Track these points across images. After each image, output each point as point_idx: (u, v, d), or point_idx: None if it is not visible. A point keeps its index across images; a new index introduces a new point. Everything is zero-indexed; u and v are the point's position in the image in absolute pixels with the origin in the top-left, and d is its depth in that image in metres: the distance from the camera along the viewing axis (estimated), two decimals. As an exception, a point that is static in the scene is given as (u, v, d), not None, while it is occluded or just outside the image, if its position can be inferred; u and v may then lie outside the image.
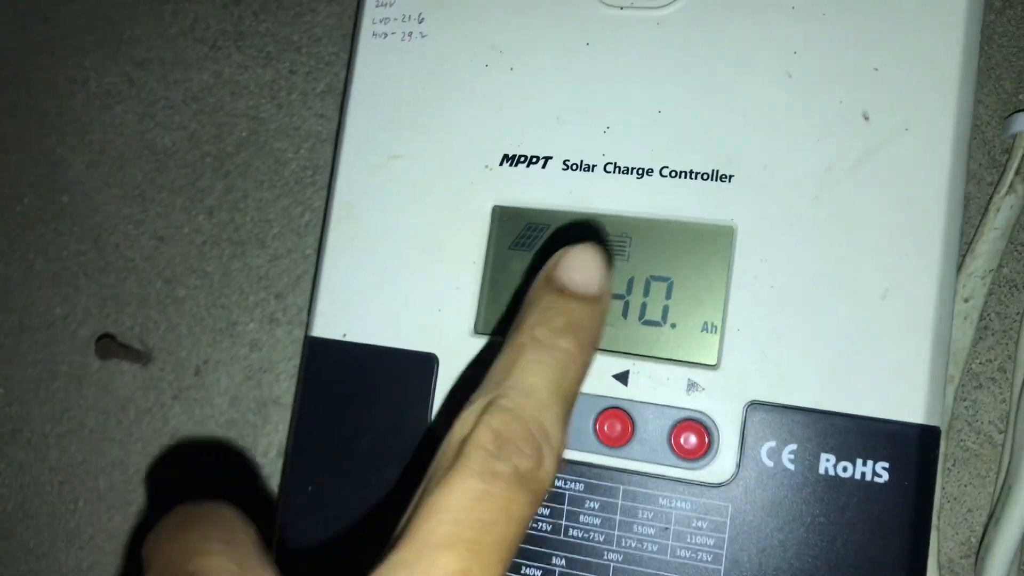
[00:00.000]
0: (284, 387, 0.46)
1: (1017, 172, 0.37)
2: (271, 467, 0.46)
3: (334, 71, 0.48)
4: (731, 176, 0.31)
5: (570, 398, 0.23)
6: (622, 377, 0.31)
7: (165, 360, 0.48)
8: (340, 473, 0.34)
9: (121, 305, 0.49)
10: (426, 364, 0.33)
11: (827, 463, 0.30)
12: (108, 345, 0.47)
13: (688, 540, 0.30)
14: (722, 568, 0.30)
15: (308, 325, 0.36)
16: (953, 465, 0.37)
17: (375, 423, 0.34)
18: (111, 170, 0.51)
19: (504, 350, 0.23)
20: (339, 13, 0.48)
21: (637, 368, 0.31)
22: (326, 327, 0.35)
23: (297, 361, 0.46)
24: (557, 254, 0.25)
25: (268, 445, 0.46)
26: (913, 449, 0.29)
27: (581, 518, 0.31)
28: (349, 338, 0.35)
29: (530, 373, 0.22)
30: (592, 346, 0.23)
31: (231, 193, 0.48)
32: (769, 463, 0.30)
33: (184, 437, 0.47)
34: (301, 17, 0.49)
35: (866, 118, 0.31)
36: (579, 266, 0.24)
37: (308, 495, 0.34)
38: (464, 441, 0.20)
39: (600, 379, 0.32)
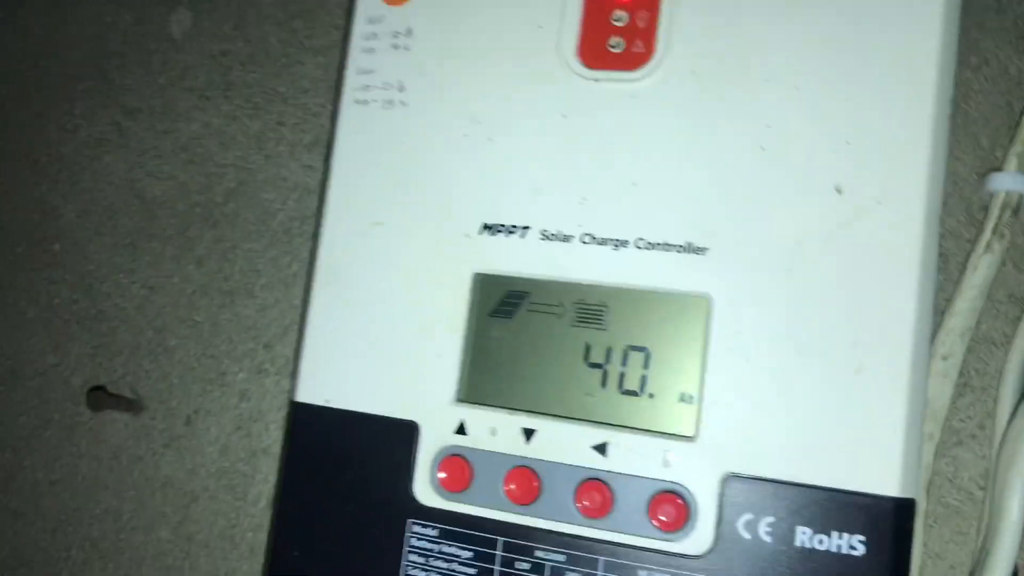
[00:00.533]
0: (273, 437, 0.46)
1: (994, 231, 0.37)
2: (262, 516, 0.46)
3: (320, 122, 0.48)
4: (705, 248, 0.32)
5: None
6: (601, 448, 0.32)
7: (156, 409, 0.49)
8: (325, 539, 0.34)
9: (113, 354, 0.50)
10: (408, 432, 0.34)
11: (803, 536, 0.30)
12: (100, 397, 0.47)
13: (666, 611, 0.31)
14: (700, 639, 0.30)
15: (292, 389, 0.36)
16: (935, 522, 0.38)
17: (358, 490, 0.34)
18: (102, 219, 0.51)
19: None
20: (325, 64, 0.48)
21: (616, 439, 0.32)
22: (310, 392, 0.35)
23: (285, 411, 0.46)
24: None
25: (259, 494, 0.46)
26: (889, 522, 0.29)
27: (560, 587, 0.31)
28: (332, 404, 0.35)
29: None
30: None
31: (220, 243, 0.49)
32: (747, 535, 0.30)
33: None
34: (288, 68, 0.49)
35: (839, 191, 0.31)
36: None
37: (294, 560, 0.35)
38: None
39: (579, 450, 0.32)
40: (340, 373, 0.35)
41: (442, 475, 0.33)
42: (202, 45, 0.51)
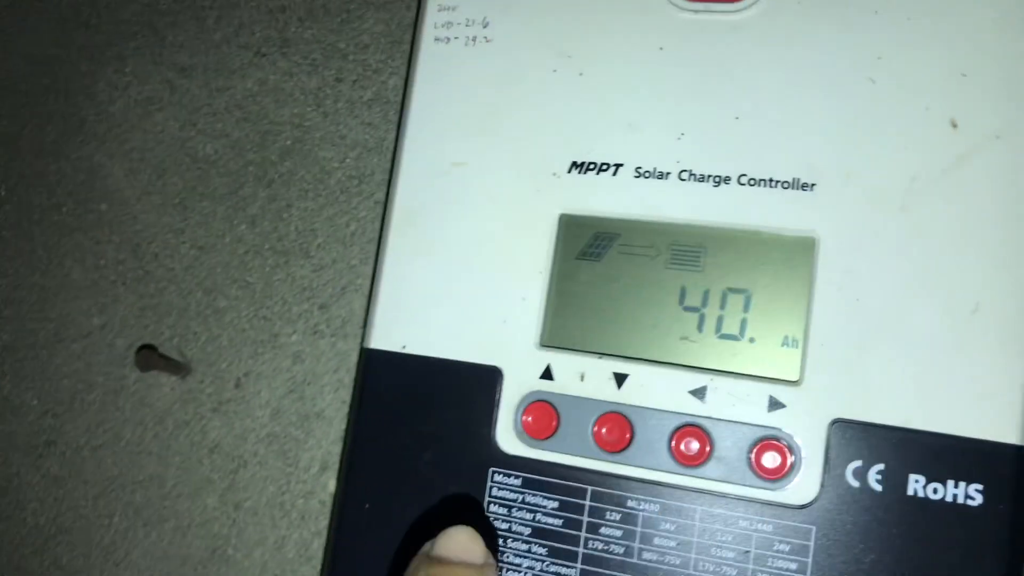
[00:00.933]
0: (327, 400, 0.45)
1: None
2: (313, 483, 0.44)
3: (381, 79, 0.47)
4: (813, 185, 0.30)
5: None
6: (699, 393, 0.30)
7: (205, 372, 0.47)
8: (399, 490, 0.33)
9: (160, 316, 0.48)
10: (490, 377, 0.32)
11: (916, 484, 0.28)
12: (148, 356, 0.45)
13: (769, 564, 0.29)
14: (805, 594, 0.28)
15: (364, 336, 0.34)
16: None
17: (437, 438, 0.32)
18: (151, 178, 0.50)
19: None
20: (387, 19, 0.47)
21: (715, 384, 0.30)
22: (384, 339, 0.34)
23: (341, 374, 0.45)
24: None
25: (311, 460, 0.45)
26: (1009, 471, 0.28)
27: (655, 540, 0.30)
28: (409, 350, 0.33)
29: None
30: None
31: (274, 202, 0.47)
32: (855, 484, 0.29)
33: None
34: (348, 24, 0.48)
35: (954, 125, 0.30)
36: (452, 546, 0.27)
37: (365, 513, 0.33)
38: None
39: (676, 395, 0.30)
40: (417, 318, 0.34)
41: (527, 420, 0.31)
42: (259, 1, 0.49)
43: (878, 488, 0.28)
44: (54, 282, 0.50)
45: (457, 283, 0.33)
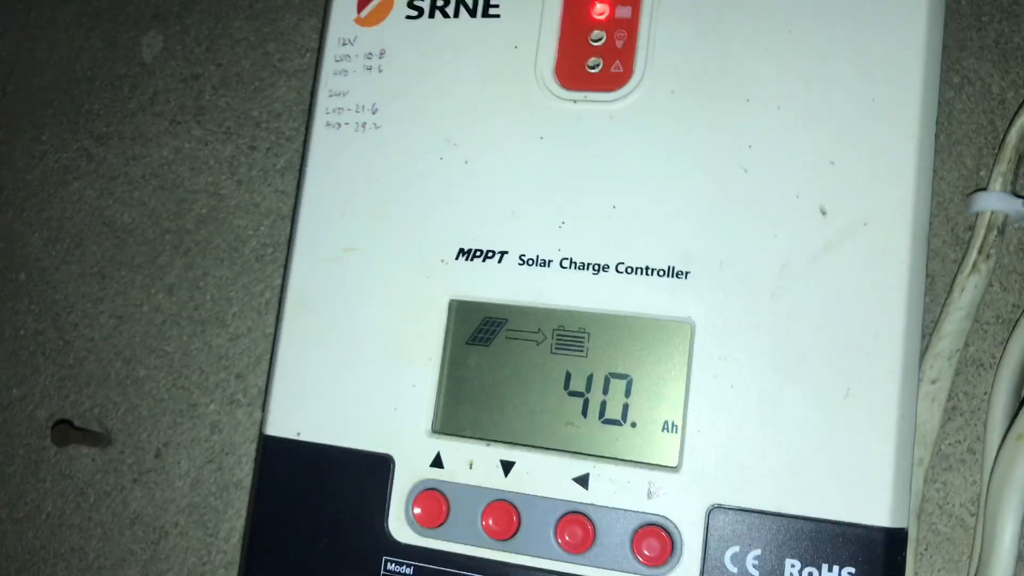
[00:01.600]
0: (246, 470, 0.45)
1: (980, 251, 0.36)
2: (233, 552, 0.44)
3: (294, 147, 0.47)
4: (687, 272, 0.31)
5: None
6: (582, 480, 0.31)
7: (125, 442, 0.47)
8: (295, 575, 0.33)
9: (80, 385, 0.48)
10: (382, 465, 0.33)
11: (792, 569, 0.29)
12: (65, 431, 0.45)
13: (652, 650, 0.29)
14: None
15: (262, 422, 0.35)
16: (926, 550, 0.37)
17: (331, 525, 0.33)
18: (69, 247, 0.50)
19: None
20: (299, 88, 0.47)
21: (598, 471, 0.31)
22: (280, 425, 0.34)
23: (257, 443, 0.45)
24: None
25: (230, 530, 0.45)
26: (879, 553, 0.28)
27: (542, 627, 0.30)
28: (303, 437, 0.34)
29: None
30: None
31: (191, 271, 0.48)
32: (733, 569, 0.29)
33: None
34: (261, 92, 0.48)
35: (823, 212, 0.30)
36: None
37: (265, 599, 0.33)
38: None
39: (560, 482, 0.31)
40: (311, 405, 0.34)
41: (418, 510, 0.32)
42: (173, 69, 0.50)
43: (756, 573, 0.29)
44: (-27, 353, 0.50)
45: (350, 370, 0.34)
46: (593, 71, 0.33)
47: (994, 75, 0.38)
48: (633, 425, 0.31)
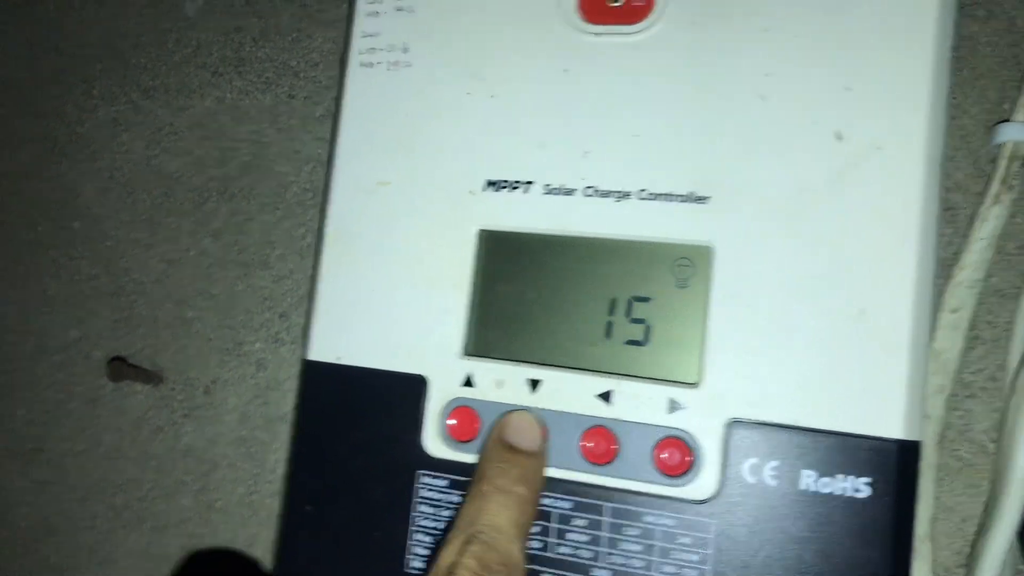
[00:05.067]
0: (290, 405, 0.47)
1: (1003, 182, 0.37)
2: (280, 483, 0.47)
3: (331, 95, 0.49)
4: (708, 197, 0.32)
5: (527, 531, 0.30)
6: (605, 396, 0.32)
7: (176, 380, 0.49)
8: (337, 493, 0.35)
9: (133, 327, 0.51)
10: (417, 385, 0.34)
11: (808, 479, 0.30)
12: (119, 367, 0.48)
13: (673, 556, 0.31)
14: (707, 583, 0.30)
15: (304, 349, 0.37)
16: (947, 475, 0.38)
17: (369, 443, 0.35)
18: (120, 196, 0.52)
19: (472, 495, 0.30)
20: (335, 38, 0.49)
21: (620, 387, 0.32)
22: (321, 351, 0.36)
23: (302, 378, 0.47)
24: (501, 419, 0.33)
25: (277, 461, 0.47)
26: (894, 464, 0.30)
27: (568, 535, 0.32)
28: (343, 361, 0.36)
29: (498, 515, 0.29)
30: (539, 490, 0.32)
31: (236, 216, 0.50)
32: (751, 480, 0.30)
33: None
34: (299, 43, 0.50)
35: (839, 137, 0.31)
36: (520, 430, 0.32)
37: (306, 515, 0.35)
38: (452, 566, 0.27)
39: (584, 398, 0.32)
40: (350, 330, 0.36)
41: (451, 425, 0.34)
42: (215, 22, 0.51)
43: (773, 484, 0.30)
44: (33, 298, 0.53)
45: (386, 297, 0.35)
46: (615, 4, 0.34)
47: (1018, 8, 0.39)
48: (654, 345, 0.32)
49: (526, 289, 0.34)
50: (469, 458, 0.33)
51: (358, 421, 0.35)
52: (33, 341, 0.53)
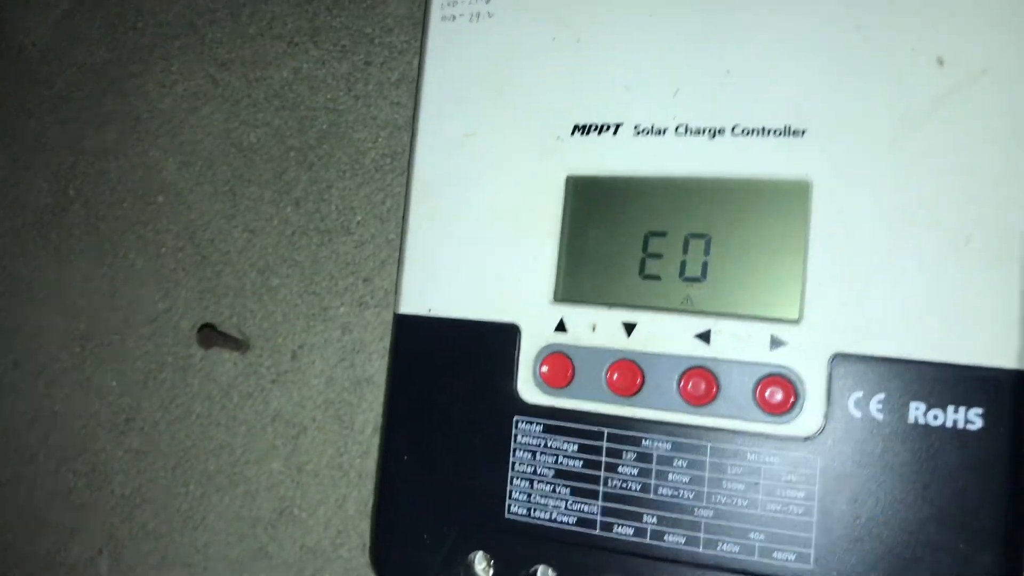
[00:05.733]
0: (376, 366, 0.48)
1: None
2: (368, 443, 0.47)
3: (407, 59, 0.49)
4: (804, 131, 0.31)
5: None
6: (704, 336, 0.32)
7: (263, 347, 0.50)
8: (433, 443, 0.35)
9: (219, 297, 0.52)
10: (509, 333, 0.34)
11: (917, 412, 0.29)
12: (209, 334, 0.49)
13: (778, 494, 0.30)
14: (814, 520, 0.30)
15: (395, 303, 0.37)
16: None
17: (463, 393, 0.35)
18: (202, 168, 0.53)
19: None
20: (409, 2, 0.49)
21: (719, 327, 0.32)
22: (412, 304, 0.36)
23: (387, 341, 0.47)
24: None
25: (364, 422, 0.48)
26: (1008, 395, 0.29)
27: (670, 476, 0.32)
28: (434, 313, 0.36)
29: None
30: None
31: (316, 184, 0.50)
32: (857, 414, 0.30)
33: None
34: (373, 9, 0.50)
35: (941, 63, 0.30)
36: None
37: (404, 466, 0.36)
38: None
39: (682, 339, 0.32)
40: (440, 282, 0.36)
41: (544, 371, 0.34)
42: (288, -7, 0.52)
43: (880, 417, 0.30)
44: (121, 272, 0.54)
45: (475, 247, 0.35)
46: (701, -61, 0.34)
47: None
48: (752, 283, 0.32)
49: (617, 233, 0.34)
50: (565, 403, 0.33)
51: (452, 371, 0.35)
52: (122, 315, 0.54)
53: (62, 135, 0.57)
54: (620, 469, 0.32)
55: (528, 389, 0.34)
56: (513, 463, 0.34)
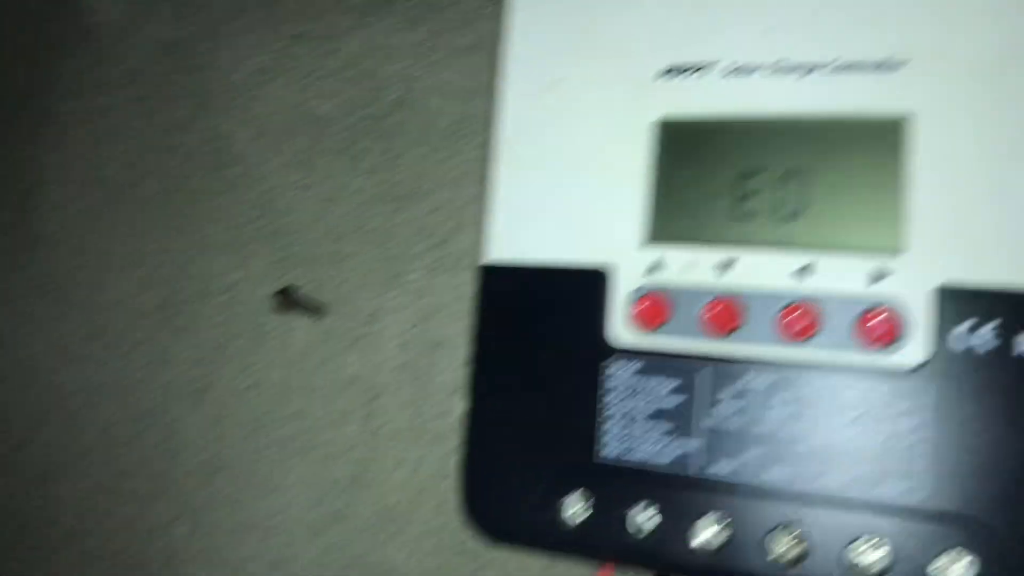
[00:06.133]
0: (451, 329, 0.48)
1: None
2: (443, 405, 0.48)
3: (478, 25, 0.49)
4: (903, 63, 0.31)
5: None
6: (803, 271, 0.32)
7: (338, 313, 0.51)
8: (523, 388, 0.35)
9: (292, 266, 0.52)
10: (600, 276, 0.34)
11: (1025, 342, 0.29)
12: (285, 299, 0.50)
13: (881, 428, 0.30)
14: (925, 454, 0.30)
15: (482, 252, 0.37)
16: None
17: (554, 337, 0.35)
18: (275, 140, 0.54)
19: None
20: (480, -33, 0.50)
21: (819, 261, 0.32)
22: (499, 252, 0.37)
23: (460, 305, 0.48)
24: None
25: (440, 385, 0.48)
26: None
27: (770, 412, 0.31)
28: (522, 261, 0.36)
29: None
30: None
31: (388, 152, 0.51)
32: (962, 346, 0.30)
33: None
34: (444, -24, 0.50)
35: (1045, -11, 0.30)
36: None
37: (491, 414, 0.36)
38: None
39: (780, 275, 0.32)
40: (528, 228, 0.36)
41: (638, 312, 0.34)
42: (360, -35, 0.53)
43: (986, 350, 0.29)
44: (196, 244, 0.55)
45: (563, 193, 0.36)
46: None
47: None
48: (853, 216, 0.32)
49: (710, 173, 0.33)
50: (659, 343, 0.33)
51: (540, 317, 0.35)
52: (198, 286, 0.55)
53: (136, 111, 0.58)
54: (718, 407, 0.32)
55: (621, 331, 0.34)
56: (607, 404, 0.34)
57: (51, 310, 0.59)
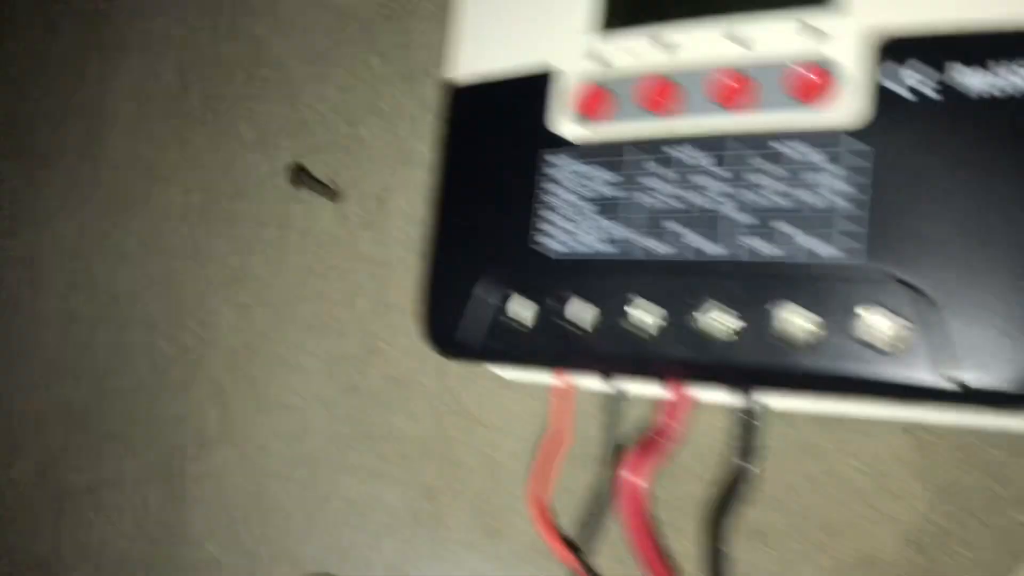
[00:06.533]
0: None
1: None
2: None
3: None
4: None
5: None
6: (733, 38, 0.30)
7: (351, 194, 0.52)
8: (473, 191, 0.35)
9: (315, 154, 0.54)
10: (544, 77, 0.34)
11: (975, 80, 0.26)
12: (299, 174, 0.51)
13: (820, 192, 0.28)
14: (864, 215, 0.27)
15: (444, 70, 0.37)
16: None
17: (501, 141, 0.34)
18: (299, 37, 0.56)
19: None
20: None
21: (747, 24, 0.30)
22: (458, 69, 0.37)
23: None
24: None
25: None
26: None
27: (710, 188, 0.30)
28: (474, 78, 0.36)
29: None
30: None
31: (400, 34, 0.52)
32: (909, 96, 0.27)
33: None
34: None
35: None
36: None
37: (447, 229, 0.36)
38: None
39: (709, 40, 0.30)
40: (481, 47, 0.36)
41: (576, 102, 0.33)
42: None
43: (937, 97, 0.27)
44: (230, 143, 0.58)
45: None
46: None
47: None
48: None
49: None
50: (601, 131, 0.32)
51: (492, 127, 0.35)
52: (232, 184, 0.57)
53: (181, 29, 0.62)
54: (658, 187, 0.31)
55: (561, 123, 0.33)
56: (545, 197, 0.33)
57: (109, 221, 0.63)
